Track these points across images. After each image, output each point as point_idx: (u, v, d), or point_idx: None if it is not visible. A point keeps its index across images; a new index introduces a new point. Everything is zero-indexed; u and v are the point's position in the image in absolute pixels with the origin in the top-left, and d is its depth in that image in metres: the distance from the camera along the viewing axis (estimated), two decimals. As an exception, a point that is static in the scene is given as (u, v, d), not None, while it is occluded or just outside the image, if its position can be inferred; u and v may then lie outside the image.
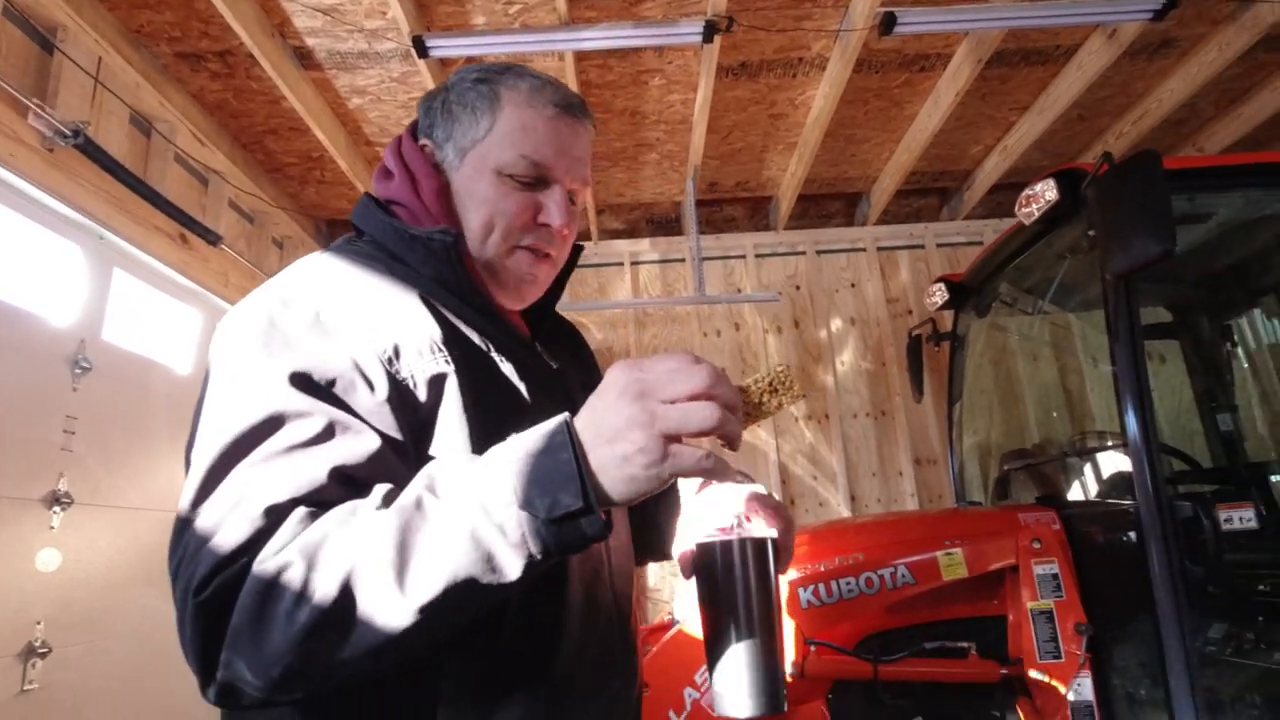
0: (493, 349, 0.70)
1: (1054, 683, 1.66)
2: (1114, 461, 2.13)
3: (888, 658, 1.73)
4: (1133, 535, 1.73)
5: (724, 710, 0.63)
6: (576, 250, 0.87)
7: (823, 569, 1.79)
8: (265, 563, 0.50)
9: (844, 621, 1.78)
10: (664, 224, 4.43)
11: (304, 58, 2.89)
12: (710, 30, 2.69)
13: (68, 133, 2.27)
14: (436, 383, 0.63)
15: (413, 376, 0.62)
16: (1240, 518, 1.66)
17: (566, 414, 0.54)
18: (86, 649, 2.32)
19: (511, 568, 0.50)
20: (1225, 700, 1.84)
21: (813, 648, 1.72)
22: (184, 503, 0.55)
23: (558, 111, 0.76)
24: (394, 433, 0.60)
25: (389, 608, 0.48)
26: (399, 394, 0.61)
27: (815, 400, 4.07)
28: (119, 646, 2.47)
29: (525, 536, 0.50)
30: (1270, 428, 2.80)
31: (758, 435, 4.00)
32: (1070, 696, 1.67)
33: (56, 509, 2.27)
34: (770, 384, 0.64)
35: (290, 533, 0.51)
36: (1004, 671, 1.70)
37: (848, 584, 1.74)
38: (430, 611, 0.49)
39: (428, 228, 0.72)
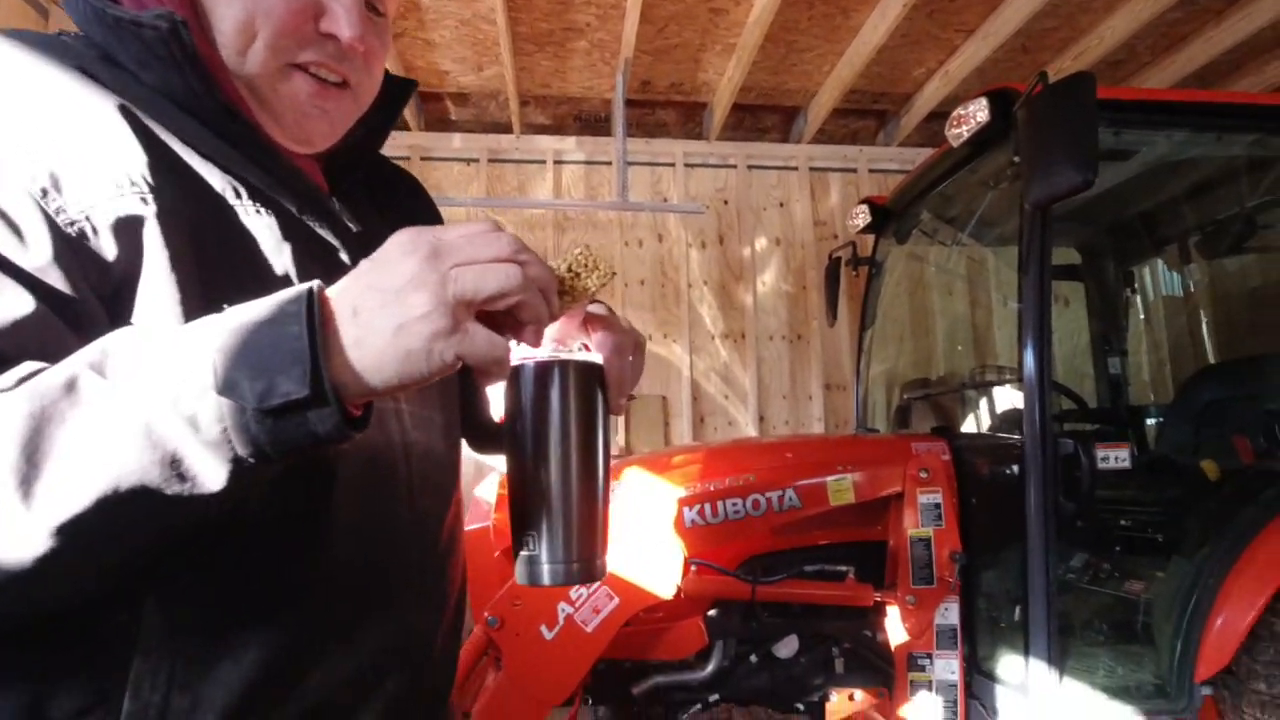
0: (244, 193, 0.52)
1: (923, 607, 1.69)
2: (1008, 397, 2.15)
3: (767, 579, 1.72)
4: (1015, 469, 1.75)
5: (524, 578, 0.52)
6: (404, 85, 0.68)
7: (712, 488, 1.75)
8: None
9: (729, 542, 1.76)
10: (592, 123, 4.15)
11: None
12: (647, -103, 2.40)
13: None
14: (128, 230, 0.45)
15: (88, 219, 0.44)
16: (1115, 457, 1.70)
17: (317, 281, 0.41)
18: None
19: (209, 474, 0.37)
20: (1075, 625, 1.95)
21: (694, 567, 1.70)
22: None
23: None
24: (63, 288, 0.43)
25: (8, 528, 0.35)
26: (64, 243, 0.43)
27: (733, 319, 4.02)
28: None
29: (228, 432, 0.37)
30: (1155, 373, 2.93)
31: (672, 350, 3.94)
32: (937, 620, 1.71)
33: None
34: (569, 268, 0.52)
35: None
36: (878, 596, 1.72)
37: (734, 505, 1.71)
38: (76, 534, 0.36)
39: (146, 10, 0.50)
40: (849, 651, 1.88)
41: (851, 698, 1.87)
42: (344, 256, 0.57)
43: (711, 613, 1.78)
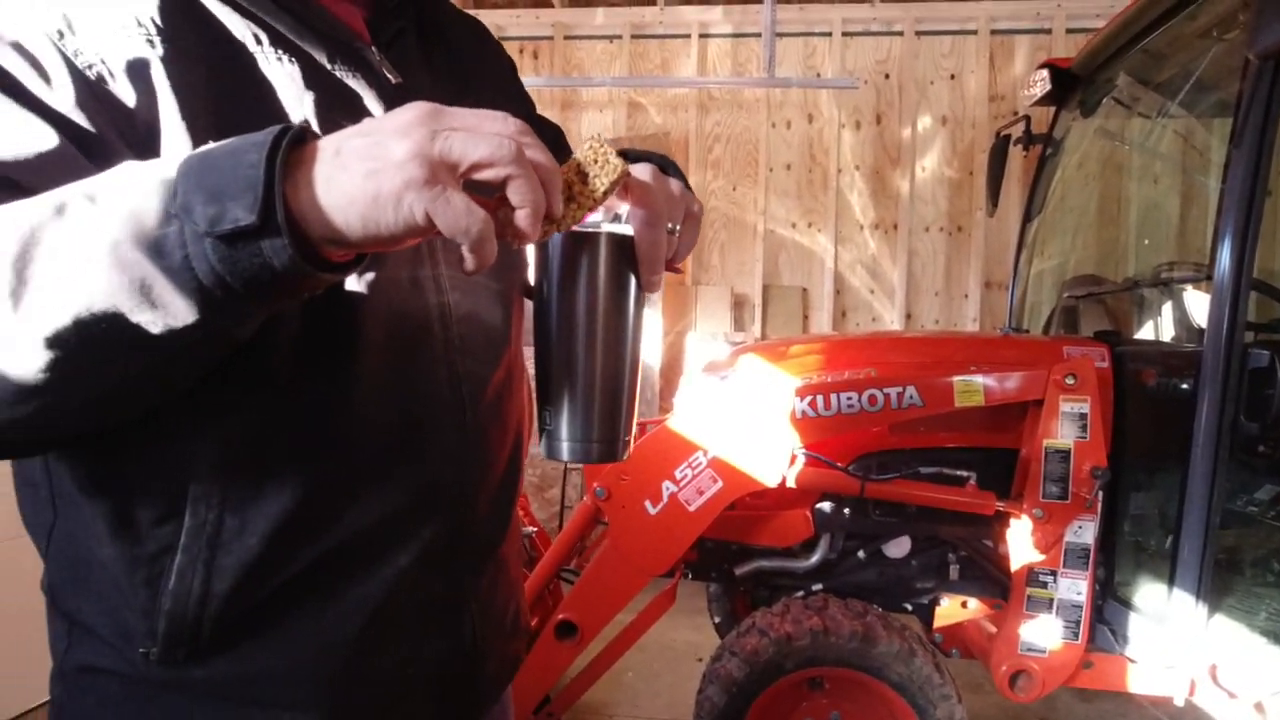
0: (265, 40, 0.51)
1: (1052, 522, 1.56)
2: (1196, 300, 1.84)
3: (878, 477, 1.66)
4: (1190, 384, 1.52)
5: (547, 451, 0.53)
6: None
7: (828, 380, 1.68)
8: None
9: (840, 436, 1.70)
10: (742, -12, 3.84)
11: None
12: None
13: None
14: (137, 72, 0.45)
15: (103, 61, 0.45)
16: (1327, 375, 1.41)
17: (303, 120, 0.42)
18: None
19: (178, 304, 0.37)
20: (1245, 562, 1.72)
21: (802, 458, 1.67)
22: None
23: None
24: (89, 127, 0.44)
25: (9, 349, 0.38)
26: (85, 85, 0.44)
27: (885, 208, 3.71)
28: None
29: (190, 259, 0.37)
30: None
31: (816, 240, 3.74)
32: (1067, 538, 1.58)
33: None
34: (577, 169, 0.46)
35: None
36: (1000, 505, 1.61)
37: (849, 399, 1.63)
38: (63, 347, 0.37)
39: None
40: (965, 559, 1.80)
41: (964, 605, 1.81)
42: (371, 106, 0.55)
43: (820, 505, 1.76)
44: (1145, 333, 2.17)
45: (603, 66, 3.86)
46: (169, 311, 0.37)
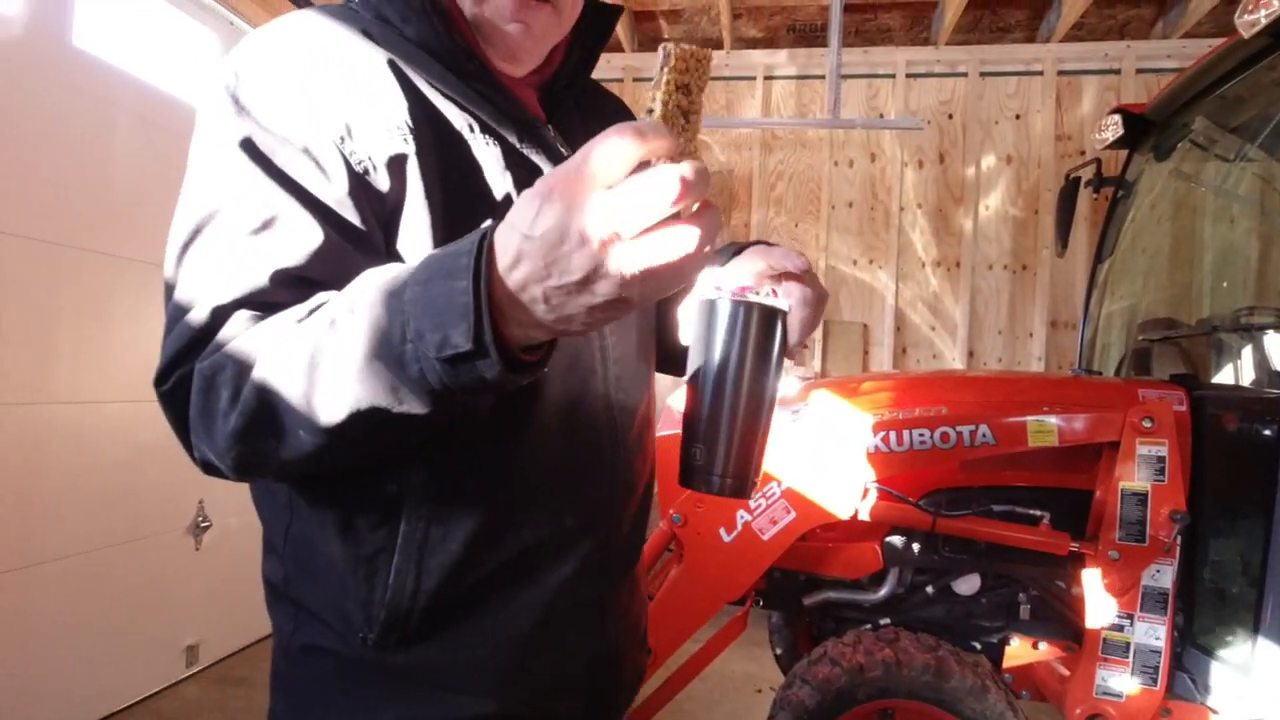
0: (476, 128, 0.61)
1: (1129, 566, 1.56)
2: (1277, 344, 1.82)
3: (949, 512, 1.69)
4: (1274, 430, 1.51)
5: (685, 481, 0.60)
6: (611, 11, 0.74)
7: (900, 416, 1.73)
8: (205, 363, 0.51)
9: (912, 472, 1.74)
10: (807, 33, 3.95)
11: None
12: None
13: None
14: (396, 166, 0.56)
15: (370, 159, 0.56)
16: None
17: (489, 223, 0.45)
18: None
19: (417, 403, 0.46)
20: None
21: (873, 491, 1.71)
22: (165, 273, 0.57)
23: None
24: (355, 222, 0.56)
25: (306, 427, 0.48)
26: (357, 180, 0.56)
27: (947, 245, 3.73)
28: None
29: (424, 373, 0.45)
30: None
31: (877, 277, 3.77)
32: (1145, 582, 1.58)
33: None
34: (675, 84, 0.48)
35: (228, 335, 0.51)
36: (1075, 546, 1.62)
37: (921, 435, 1.67)
38: (343, 434, 0.48)
39: None
40: (1036, 599, 1.80)
41: (1035, 646, 1.80)
42: None
43: (890, 539, 1.79)
44: (1223, 377, 2.14)
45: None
46: (413, 406, 0.46)
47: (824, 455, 1.72)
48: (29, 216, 1.93)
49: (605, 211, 0.38)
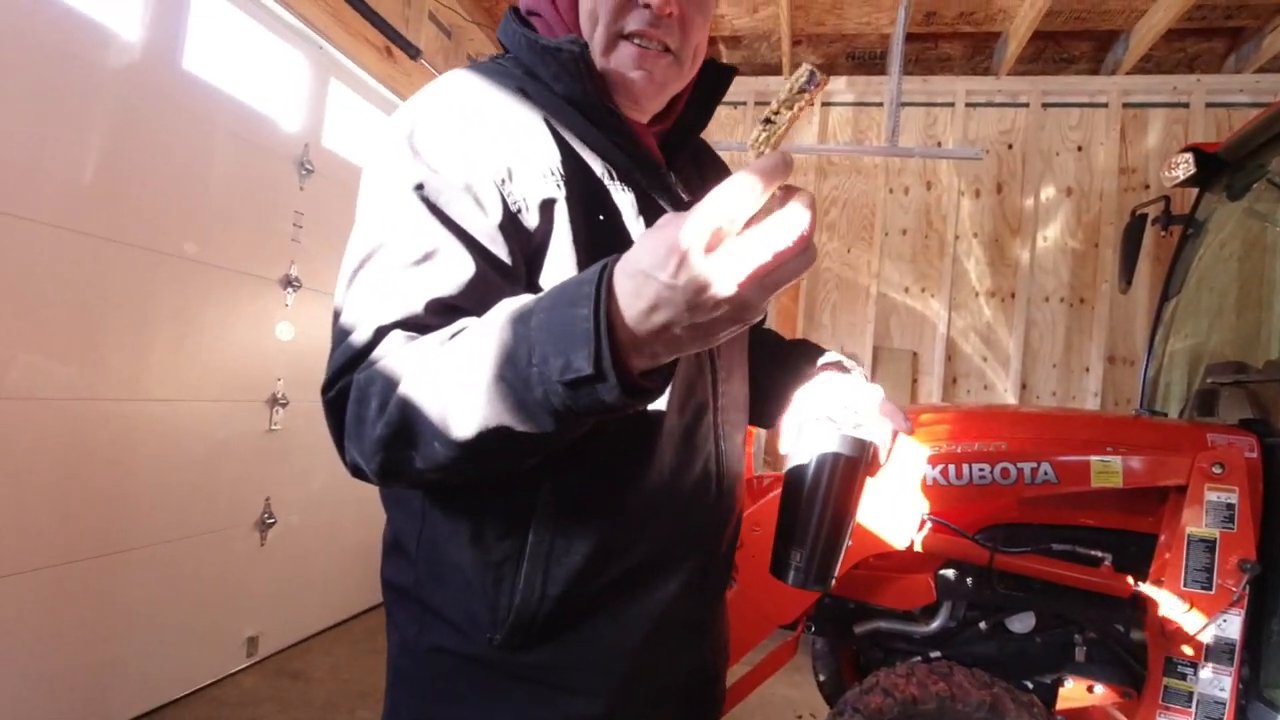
0: (614, 175, 0.68)
1: (1195, 612, 1.54)
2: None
3: (1007, 549, 1.69)
4: (1351, 480, 1.49)
5: (776, 573, 0.69)
6: (726, 71, 0.81)
7: (959, 450, 1.74)
8: (361, 375, 0.58)
9: (969, 505, 1.74)
10: (866, 60, 3.98)
11: None
12: None
13: (290, -60, 2.42)
14: (546, 208, 0.63)
15: (525, 200, 0.63)
16: None
17: (611, 257, 0.48)
18: (313, 405, 2.84)
19: (542, 423, 0.50)
20: None
21: (929, 523, 1.72)
22: (335, 299, 0.64)
23: None
24: (503, 255, 0.62)
25: (440, 440, 0.53)
26: (510, 218, 0.62)
27: (1002, 276, 3.70)
28: (336, 408, 3.01)
29: (547, 394, 0.49)
30: None
31: (929, 305, 3.76)
32: (1211, 630, 1.55)
33: (289, 290, 2.71)
34: (780, 110, 0.53)
35: (383, 352, 0.58)
36: (1137, 589, 1.60)
37: (980, 470, 1.68)
38: (472, 448, 0.52)
39: (560, 37, 0.70)
40: (1093, 641, 1.77)
41: (1091, 689, 1.78)
42: None
43: (944, 571, 1.79)
44: (1295, 423, 2.09)
45: (725, 131, 4.06)
46: (536, 425, 0.51)
47: (881, 485, 1.74)
48: (134, 225, 2.07)
49: (742, 259, 0.42)
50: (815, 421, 0.70)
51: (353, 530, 3.21)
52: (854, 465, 0.68)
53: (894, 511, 1.70)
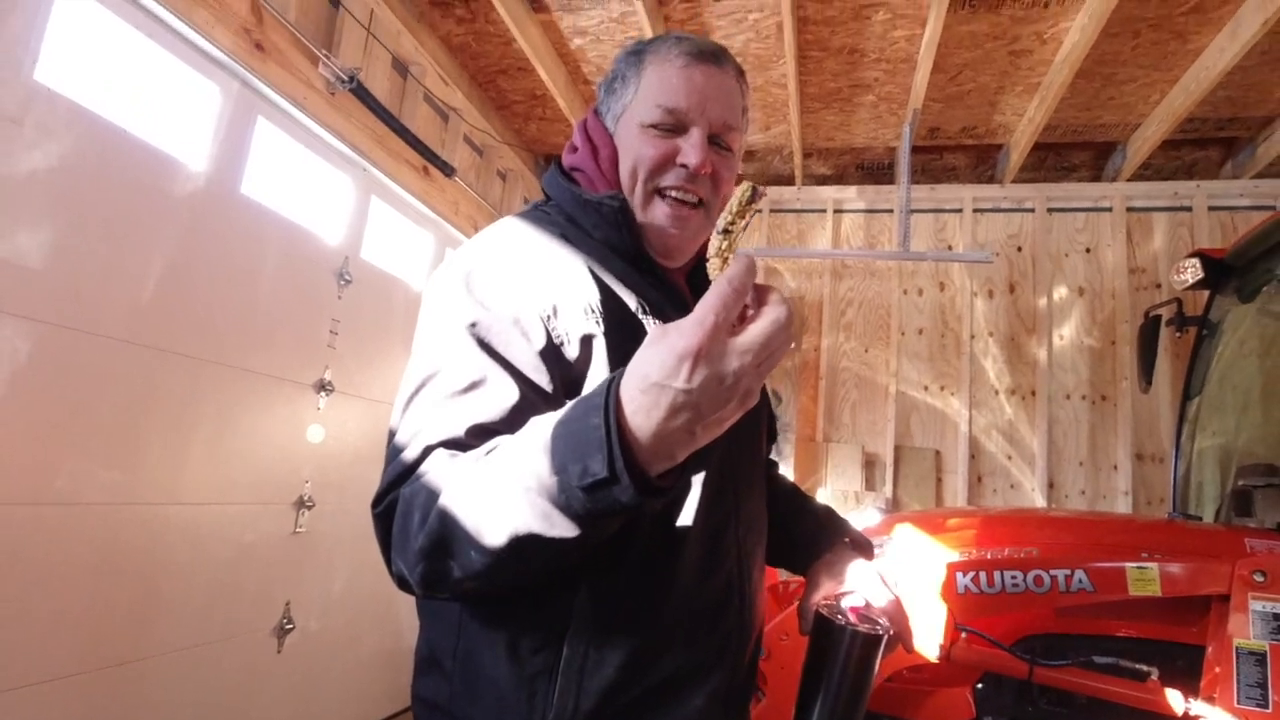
0: (648, 312, 0.75)
1: (1252, 731, 1.47)
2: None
3: (1048, 662, 1.63)
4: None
5: None
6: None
7: (989, 556, 1.71)
8: (407, 490, 0.63)
9: (1003, 615, 1.70)
10: (874, 170, 4.18)
11: (534, 1, 3.08)
12: (946, -39, 2.44)
13: (345, 78, 2.67)
14: (587, 342, 0.69)
15: (567, 334, 0.69)
16: None
17: (616, 372, 0.54)
18: (337, 507, 2.88)
19: (567, 527, 0.54)
20: None
21: (964, 634, 1.67)
22: (391, 421, 0.70)
23: (688, 60, 0.80)
24: (544, 383, 0.68)
25: (476, 548, 0.57)
26: (553, 349, 0.69)
27: (1021, 374, 3.72)
28: (359, 508, 3.03)
29: (569, 501, 0.53)
30: None
31: (949, 403, 3.77)
32: (1271, 750, 1.47)
33: (322, 394, 2.80)
34: (735, 220, 0.60)
35: (426, 469, 0.63)
36: (1189, 706, 1.53)
37: (1013, 577, 1.65)
38: (506, 555, 0.56)
39: (601, 193, 0.79)
40: (1147, 762, 1.68)
41: (1148, 815, 1.67)
42: None
43: (980, 685, 1.73)
44: (1336, 526, 2.04)
45: (744, 238, 4.22)
46: (563, 530, 0.55)
47: (912, 594, 1.71)
48: (184, 336, 2.19)
49: (742, 354, 0.49)
50: (833, 609, 0.78)
51: (372, 635, 3.15)
52: (870, 651, 0.74)
53: (926, 622, 1.66)
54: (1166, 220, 3.67)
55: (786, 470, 3.64)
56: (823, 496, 3.68)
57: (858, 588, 0.84)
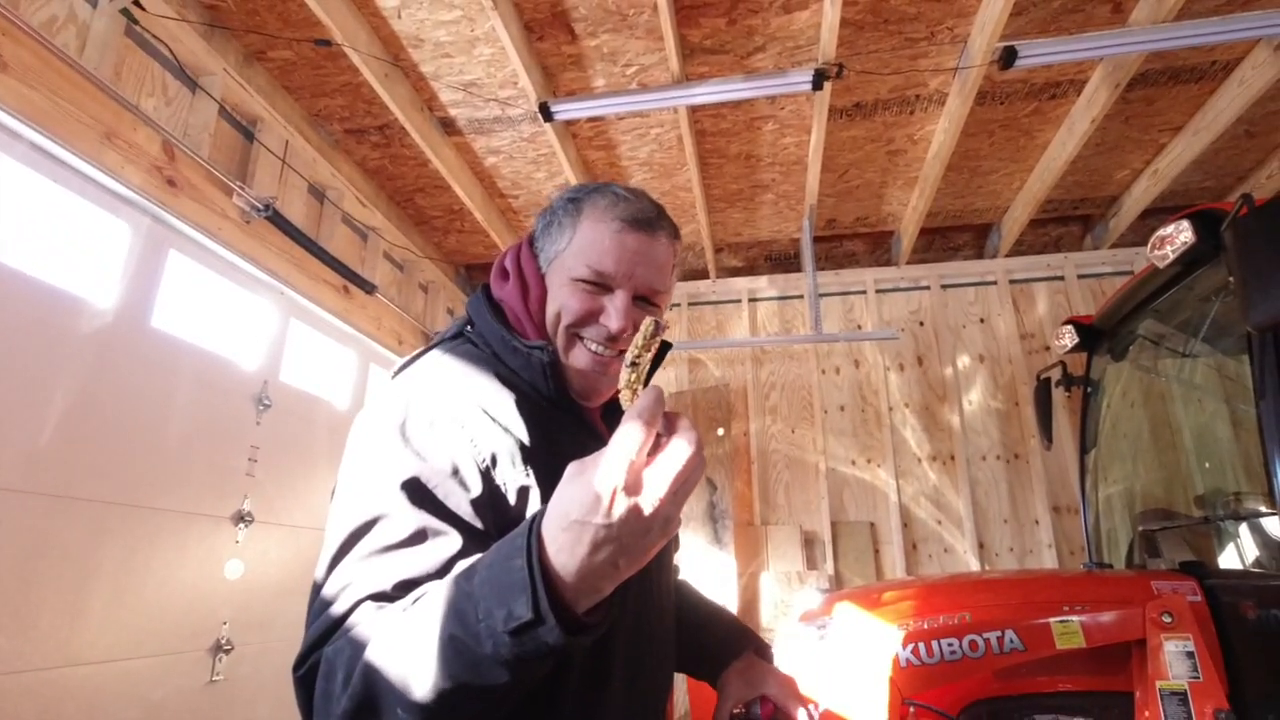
0: (573, 451, 0.76)
1: (1189, 773, 1.51)
2: (1276, 526, 1.91)
3: (994, 727, 1.65)
4: (1289, 615, 1.56)
5: None
6: (664, 347, 0.92)
7: (925, 626, 1.75)
8: (330, 649, 0.60)
9: (946, 684, 1.72)
10: (783, 260, 4.46)
11: (447, 126, 3.24)
12: (820, 78, 2.73)
13: (261, 207, 2.70)
14: (523, 493, 0.72)
15: (505, 484, 0.71)
16: None
17: (536, 512, 0.56)
18: (260, 647, 2.68)
19: (496, 674, 0.53)
20: None
21: (911, 709, 1.68)
22: (316, 575, 0.68)
23: (623, 226, 0.84)
24: (482, 527, 0.68)
25: (403, 705, 0.55)
26: (491, 497, 0.70)
27: (940, 440, 3.90)
28: (285, 646, 2.83)
29: (496, 647, 0.52)
30: None
31: (877, 475, 3.89)
32: (1209, 790, 1.52)
33: (241, 525, 2.66)
34: (641, 354, 0.63)
35: (352, 623, 0.61)
36: (1128, 754, 1.57)
37: (950, 645, 1.69)
38: (435, 708, 0.54)
39: (530, 340, 0.82)
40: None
41: None
42: None
43: (936, 760, 1.73)
44: (1228, 559, 2.20)
45: (668, 334, 4.37)
46: (491, 678, 0.54)
47: (856, 672, 1.72)
48: (86, 480, 2.07)
49: (658, 485, 0.51)
50: (749, 715, 0.87)
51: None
52: None
53: (873, 699, 1.67)
54: (1045, 289, 4.03)
55: (728, 558, 3.64)
56: (766, 581, 3.68)
57: (768, 693, 0.92)
